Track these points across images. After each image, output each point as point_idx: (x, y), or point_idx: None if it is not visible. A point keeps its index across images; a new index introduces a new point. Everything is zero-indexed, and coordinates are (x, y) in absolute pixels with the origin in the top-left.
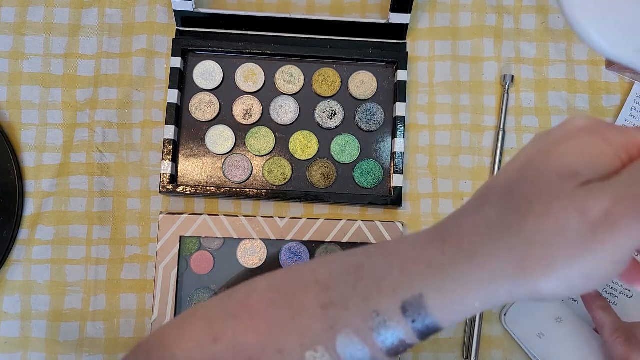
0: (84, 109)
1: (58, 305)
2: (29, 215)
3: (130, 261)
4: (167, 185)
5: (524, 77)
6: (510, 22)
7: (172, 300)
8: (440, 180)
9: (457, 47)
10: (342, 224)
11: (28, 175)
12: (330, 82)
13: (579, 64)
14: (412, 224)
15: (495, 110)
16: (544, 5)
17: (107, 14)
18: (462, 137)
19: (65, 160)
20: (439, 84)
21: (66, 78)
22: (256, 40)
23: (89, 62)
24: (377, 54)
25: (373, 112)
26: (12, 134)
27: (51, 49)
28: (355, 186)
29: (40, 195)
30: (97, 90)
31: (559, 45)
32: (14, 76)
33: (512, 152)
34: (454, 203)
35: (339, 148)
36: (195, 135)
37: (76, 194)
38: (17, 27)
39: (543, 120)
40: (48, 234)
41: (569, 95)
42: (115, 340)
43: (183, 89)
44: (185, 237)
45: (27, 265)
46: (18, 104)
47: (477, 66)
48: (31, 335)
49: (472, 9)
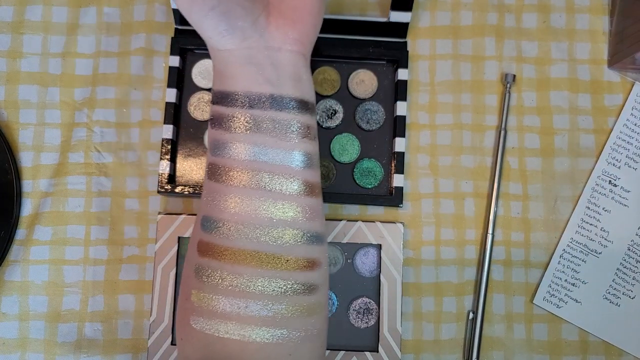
0: (82, 109)
1: (56, 306)
2: (26, 216)
3: (129, 262)
4: (166, 185)
5: (526, 76)
6: (511, 20)
7: (170, 301)
8: (441, 180)
9: (458, 46)
10: (342, 224)
11: (26, 175)
12: (330, 81)
13: (581, 63)
14: (412, 224)
15: (497, 110)
16: (545, 3)
17: (105, 13)
18: (463, 136)
19: (63, 160)
20: (440, 83)
21: (64, 77)
22: None
23: (87, 61)
24: (377, 52)
25: (373, 111)
26: (10, 133)
27: (49, 47)
28: (355, 186)
29: (37, 195)
30: (95, 89)
31: (560, 44)
32: (11, 75)
33: (514, 151)
34: (455, 203)
35: (339, 147)
36: (194, 134)
37: (74, 194)
38: (15, 25)
39: (544, 120)
40: (46, 234)
41: (571, 94)
42: (113, 341)
43: (182, 88)
44: (183, 237)
45: (24, 265)
46: (16, 103)
47: (478, 65)
48: (29, 336)
49: (473, 7)
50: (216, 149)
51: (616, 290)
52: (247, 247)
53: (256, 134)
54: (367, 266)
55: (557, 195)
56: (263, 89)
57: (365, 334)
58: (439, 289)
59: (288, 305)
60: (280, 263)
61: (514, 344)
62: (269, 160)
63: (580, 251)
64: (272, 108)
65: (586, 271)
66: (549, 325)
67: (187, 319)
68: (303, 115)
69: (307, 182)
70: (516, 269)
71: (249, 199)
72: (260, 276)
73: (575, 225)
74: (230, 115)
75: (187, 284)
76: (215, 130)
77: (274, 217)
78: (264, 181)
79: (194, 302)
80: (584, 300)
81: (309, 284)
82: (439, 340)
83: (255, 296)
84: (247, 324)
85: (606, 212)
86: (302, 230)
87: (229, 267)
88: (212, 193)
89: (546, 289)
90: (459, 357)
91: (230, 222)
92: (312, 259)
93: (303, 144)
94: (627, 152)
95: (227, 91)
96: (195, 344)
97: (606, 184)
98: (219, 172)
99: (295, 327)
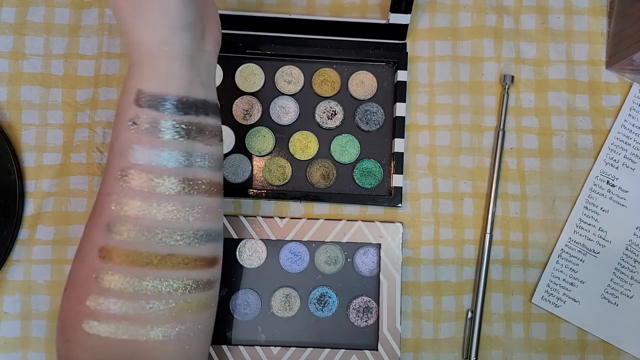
0: (84, 109)
1: (58, 305)
2: (29, 215)
3: None
4: None
5: (524, 77)
6: (510, 22)
7: None
8: (440, 181)
9: (457, 48)
10: (342, 224)
11: (28, 175)
12: (330, 82)
13: (579, 64)
14: (412, 224)
15: (495, 111)
16: (543, 5)
17: (108, 14)
18: (462, 137)
19: (66, 161)
20: (438, 84)
21: (66, 78)
22: (256, 40)
23: (89, 62)
24: (377, 54)
25: (373, 112)
26: (13, 134)
27: (51, 49)
28: (355, 186)
29: (40, 195)
30: (97, 90)
31: (558, 45)
32: (14, 76)
33: (512, 152)
34: (454, 203)
35: (338, 148)
36: None
37: (76, 194)
38: (17, 27)
39: (543, 121)
40: (48, 234)
41: (569, 95)
42: None
43: None
44: None
45: (27, 265)
46: (18, 104)
47: (477, 66)
48: (31, 335)
49: (472, 9)
50: (133, 153)
51: (614, 290)
52: (153, 250)
53: (185, 140)
54: (366, 265)
55: (555, 195)
56: (199, 94)
57: (364, 332)
58: (438, 288)
59: (185, 303)
60: (176, 263)
61: (512, 343)
62: (192, 165)
63: (579, 251)
64: (203, 114)
65: (584, 271)
66: (547, 324)
67: (79, 322)
68: (218, 119)
69: (213, 182)
70: (515, 269)
71: (158, 203)
72: (158, 277)
73: (574, 225)
74: (161, 120)
75: (83, 287)
76: (138, 134)
77: (181, 220)
78: (178, 186)
79: (89, 306)
80: (582, 300)
81: (205, 280)
82: (438, 339)
83: (154, 296)
84: (145, 324)
85: (604, 212)
86: (206, 229)
87: (133, 270)
88: (119, 196)
89: (544, 288)
90: (457, 356)
91: (137, 226)
92: (212, 257)
93: (219, 147)
94: (625, 153)
95: (164, 94)
96: (86, 348)
97: (604, 184)
98: (130, 175)
99: (192, 321)
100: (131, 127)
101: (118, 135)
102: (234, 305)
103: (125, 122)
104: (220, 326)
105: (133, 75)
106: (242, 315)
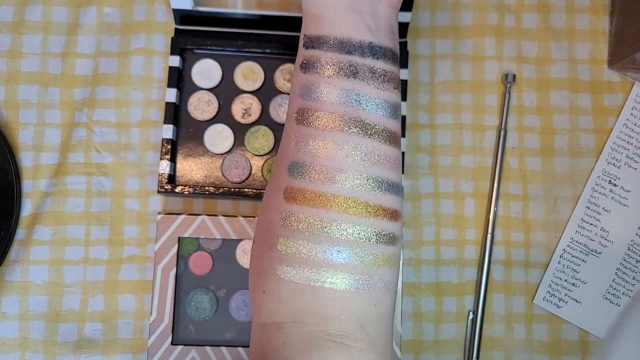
0: (82, 108)
1: (56, 306)
2: (26, 216)
3: (129, 262)
4: (166, 185)
5: (526, 76)
6: (511, 20)
7: (170, 301)
8: (441, 180)
9: (458, 46)
10: None
11: (26, 175)
12: None
13: (581, 63)
14: (412, 224)
15: (497, 110)
16: (545, 3)
17: (105, 13)
18: (463, 136)
19: (63, 160)
20: (440, 82)
21: (64, 77)
22: (255, 38)
23: (87, 61)
24: None
25: None
26: (10, 133)
27: (49, 47)
28: None
29: (37, 195)
30: (95, 89)
31: (560, 44)
32: (11, 75)
33: (514, 151)
34: (455, 203)
35: None
36: (193, 134)
37: (74, 194)
38: (14, 25)
39: (545, 120)
40: (46, 234)
41: (571, 94)
42: (113, 341)
43: (181, 88)
44: (183, 237)
45: (24, 265)
46: (16, 103)
47: (478, 65)
48: (29, 336)
49: (473, 7)
50: (308, 93)
51: (616, 290)
52: (338, 192)
53: (351, 79)
54: None
55: (557, 195)
56: (363, 37)
57: None
58: (439, 289)
59: (370, 254)
60: (368, 210)
61: (514, 344)
62: (363, 106)
63: (580, 251)
64: (370, 56)
65: (586, 271)
66: (549, 325)
67: (273, 269)
68: (394, 66)
69: (391, 131)
70: (516, 269)
71: (339, 143)
72: (351, 222)
73: (575, 225)
74: (326, 59)
75: (272, 232)
76: (308, 74)
77: (362, 163)
78: (356, 127)
79: (281, 251)
80: (584, 300)
81: (392, 234)
82: (438, 340)
83: (345, 242)
84: (338, 270)
85: (606, 212)
86: (387, 179)
87: (319, 212)
88: (300, 138)
89: (546, 289)
90: (459, 357)
91: (320, 167)
92: (394, 209)
93: (393, 94)
94: (627, 152)
95: (325, 35)
96: (283, 295)
97: (606, 184)
98: (310, 116)
99: (378, 276)
100: (300, 69)
101: (293, 78)
102: (233, 306)
103: (297, 66)
104: (219, 327)
105: (303, 24)
106: (241, 316)
